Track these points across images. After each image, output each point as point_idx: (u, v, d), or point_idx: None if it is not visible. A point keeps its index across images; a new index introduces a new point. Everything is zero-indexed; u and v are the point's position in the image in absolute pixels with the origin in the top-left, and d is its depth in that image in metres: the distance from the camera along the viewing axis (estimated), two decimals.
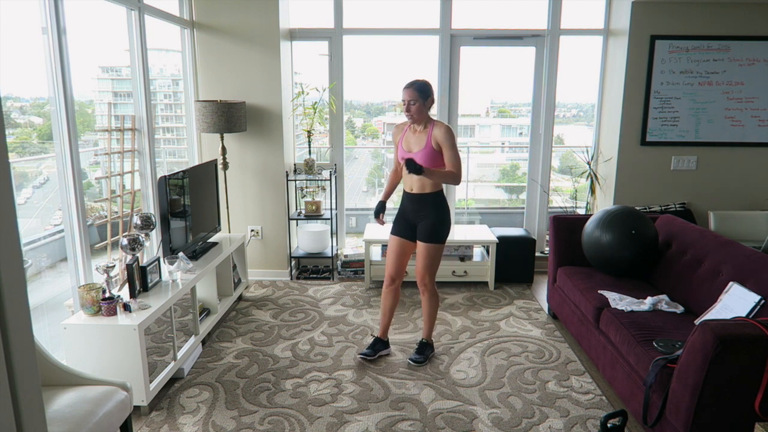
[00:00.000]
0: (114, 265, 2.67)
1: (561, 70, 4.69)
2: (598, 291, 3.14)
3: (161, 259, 3.10)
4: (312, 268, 4.85)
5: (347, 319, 3.80)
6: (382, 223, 3.26)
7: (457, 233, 4.64)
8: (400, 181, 3.26)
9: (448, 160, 2.91)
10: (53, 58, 2.64)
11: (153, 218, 3.03)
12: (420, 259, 3.08)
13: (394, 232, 3.18)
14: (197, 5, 4.18)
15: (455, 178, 2.90)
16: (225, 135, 4.22)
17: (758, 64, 4.32)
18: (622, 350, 2.66)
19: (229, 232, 4.30)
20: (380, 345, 3.23)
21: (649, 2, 4.23)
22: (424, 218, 3.05)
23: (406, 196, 3.10)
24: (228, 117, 3.95)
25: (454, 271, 4.42)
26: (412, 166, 2.73)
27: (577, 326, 3.26)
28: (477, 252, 4.69)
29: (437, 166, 2.93)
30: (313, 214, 4.53)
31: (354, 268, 4.70)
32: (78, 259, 2.84)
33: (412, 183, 3.04)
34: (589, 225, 3.45)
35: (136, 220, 2.98)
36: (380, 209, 3.25)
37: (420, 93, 2.90)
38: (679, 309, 2.87)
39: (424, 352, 3.20)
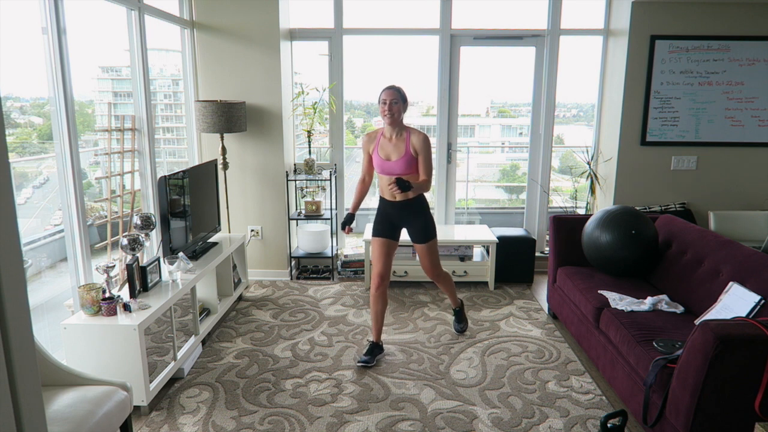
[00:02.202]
0: (114, 265, 2.67)
1: (561, 70, 4.69)
2: (598, 291, 3.14)
3: (161, 259, 3.10)
4: (312, 268, 4.85)
5: (347, 319, 3.80)
6: (350, 232, 3.26)
7: (457, 233, 4.64)
8: (367, 191, 3.32)
9: (423, 167, 3.04)
10: (53, 58, 2.64)
11: (153, 218, 3.03)
12: (424, 258, 3.26)
13: (377, 234, 3.20)
14: (197, 5, 4.18)
15: (428, 185, 3.07)
16: (225, 135, 4.22)
17: (758, 64, 4.32)
18: (622, 350, 2.66)
19: (229, 232, 4.30)
20: (378, 350, 3.21)
21: (649, 2, 4.23)
22: (411, 222, 3.17)
23: (389, 204, 3.17)
24: (228, 117, 3.95)
25: (454, 271, 4.42)
26: (403, 185, 2.86)
27: (577, 326, 3.26)
28: (477, 252, 4.69)
29: (413, 172, 3.07)
30: (313, 214, 4.53)
31: (354, 268, 4.70)
32: (78, 259, 2.84)
33: (393, 193, 3.07)
34: (589, 225, 3.45)
35: (136, 220, 2.98)
36: (349, 221, 3.26)
37: (401, 95, 3.01)
38: (679, 309, 2.87)
39: (462, 317, 3.57)
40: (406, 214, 3.15)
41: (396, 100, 2.97)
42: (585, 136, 5.05)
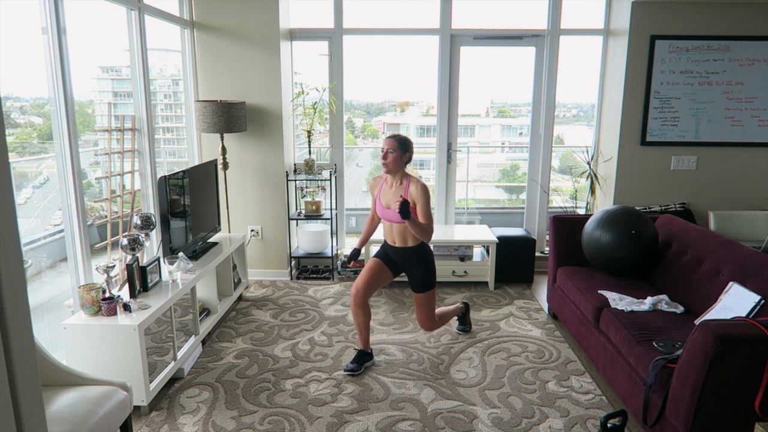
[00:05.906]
0: (114, 265, 2.67)
1: (561, 70, 4.69)
2: (598, 291, 3.14)
3: (161, 259, 3.10)
4: (312, 268, 4.85)
5: (347, 319, 3.80)
6: (354, 267, 3.23)
7: (457, 233, 4.64)
8: (375, 229, 3.31)
9: (422, 214, 2.93)
10: (53, 58, 2.64)
11: (153, 218, 3.03)
12: (419, 308, 3.16)
13: (377, 255, 3.18)
14: (197, 5, 4.18)
15: (428, 233, 2.94)
16: (225, 135, 4.22)
17: (758, 64, 4.32)
18: (622, 350, 2.66)
19: (229, 232, 4.30)
20: (366, 357, 3.13)
21: (649, 2, 4.23)
22: (411, 269, 3.10)
23: (389, 247, 3.14)
24: (228, 117, 3.95)
25: (454, 271, 4.42)
26: (405, 211, 2.79)
27: (577, 326, 3.26)
28: (477, 252, 4.69)
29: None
30: (313, 214, 4.53)
31: (354, 268, 4.70)
32: (78, 259, 2.84)
33: (393, 237, 3.08)
34: (589, 225, 3.45)
35: (136, 220, 2.98)
36: (354, 257, 3.24)
37: (399, 144, 2.93)
38: (679, 309, 2.87)
39: (466, 321, 3.61)
40: (406, 260, 3.09)
41: (393, 150, 2.91)
42: (585, 136, 5.05)
